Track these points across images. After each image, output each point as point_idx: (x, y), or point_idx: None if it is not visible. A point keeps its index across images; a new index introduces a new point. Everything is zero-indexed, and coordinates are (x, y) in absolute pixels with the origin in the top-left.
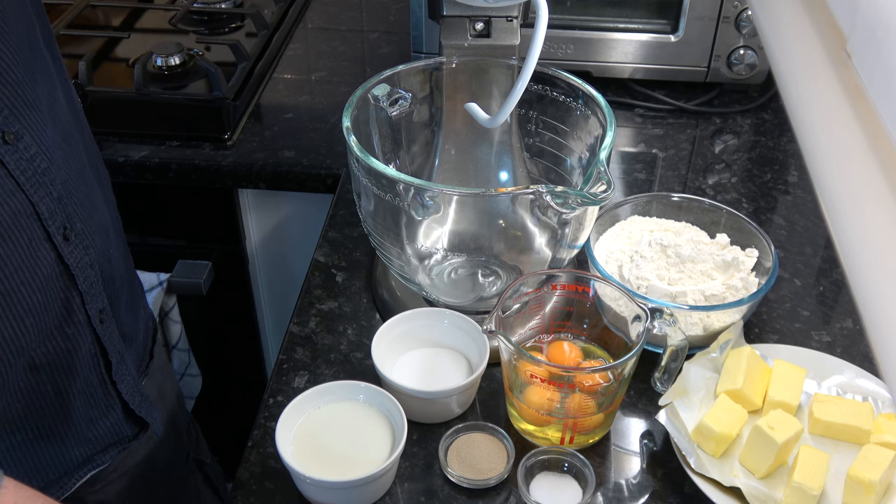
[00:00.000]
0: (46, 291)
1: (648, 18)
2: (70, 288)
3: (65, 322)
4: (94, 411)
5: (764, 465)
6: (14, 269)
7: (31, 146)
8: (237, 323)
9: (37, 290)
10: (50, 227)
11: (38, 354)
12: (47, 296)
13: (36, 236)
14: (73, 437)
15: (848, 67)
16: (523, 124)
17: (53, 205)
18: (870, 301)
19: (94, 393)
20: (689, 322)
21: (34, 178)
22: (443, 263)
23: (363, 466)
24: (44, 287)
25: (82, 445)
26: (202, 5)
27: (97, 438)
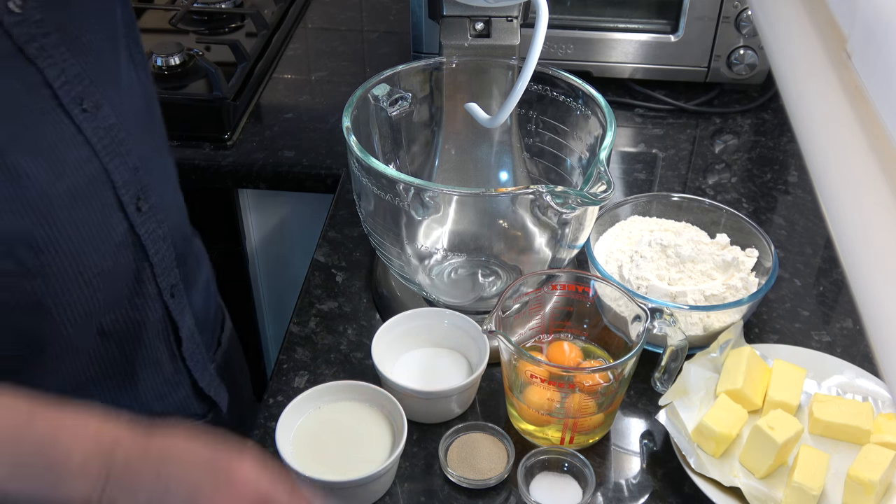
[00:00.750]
0: (117, 259)
1: (648, 18)
2: (142, 259)
3: (135, 292)
4: (164, 386)
5: (764, 465)
6: (86, 234)
7: (109, 116)
8: (237, 323)
9: (107, 256)
10: (123, 197)
11: (108, 321)
12: (118, 263)
13: (109, 203)
14: (141, 410)
15: (848, 67)
16: (523, 124)
17: (128, 175)
18: (870, 301)
19: (162, 366)
20: (689, 322)
21: (110, 147)
22: (443, 263)
23: (363, 466)
24: (114, 254)
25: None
26: (202, 5)
27: (164, 413)
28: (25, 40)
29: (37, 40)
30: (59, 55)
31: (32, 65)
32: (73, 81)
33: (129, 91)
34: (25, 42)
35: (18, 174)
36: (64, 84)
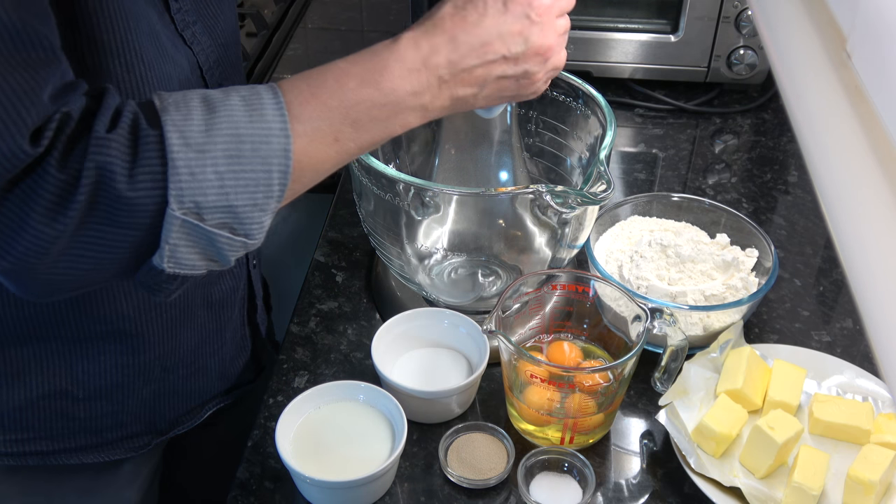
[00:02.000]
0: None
1: (648, 18)
2: None
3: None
4: (236, 349)
5: (764, 465)
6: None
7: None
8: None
9: None
10: None
11: (214, 291)
12: None
13: None
14: (219, 371)
15: (848, 67)
16: (523, 124)
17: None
18: (870, 301)
19: (238, 331)
20: (689, 322)
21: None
22: (443, 263)
23: (363, 466)
24: None
25: (222, 380)
26: None
27: (232, 375)
28: (184, 26)
29: (190, 27)
30: (204, 41)
31: (190, 49)
32: (215, 67)
33: (244, 78)
34: (184, 28)
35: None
36: (209, 69)
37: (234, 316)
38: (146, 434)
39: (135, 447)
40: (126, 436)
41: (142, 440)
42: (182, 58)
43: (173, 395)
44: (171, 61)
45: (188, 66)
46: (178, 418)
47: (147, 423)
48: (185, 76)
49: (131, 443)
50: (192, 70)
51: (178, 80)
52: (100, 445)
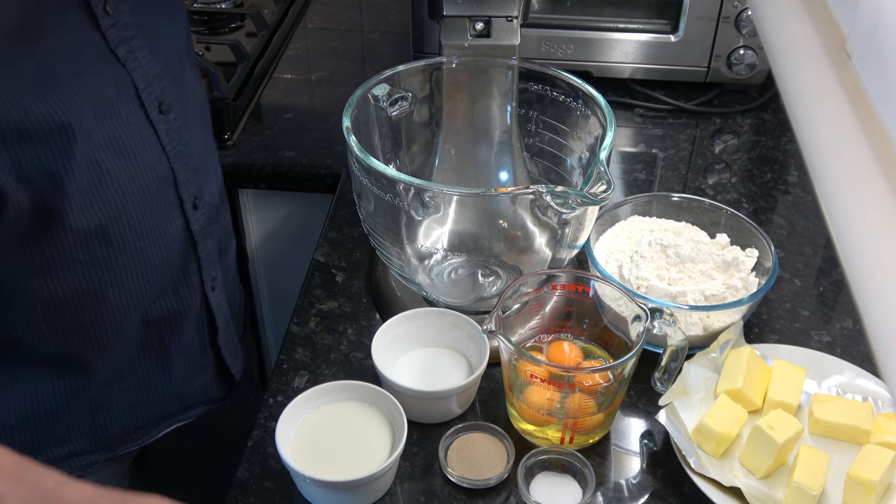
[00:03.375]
0: (170, 252)
1: (648, 18)
2: (190, 253)
3: (179, 284)
4: (191, 370)
5: (764, 465)
6: (149, 229)
7: (178, 118)
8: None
9: (163, 249)
10: (183, 195)
11: (152, 310)
12: (169, 256)
13: (171, 201)
14: (168, 390)
15: (848, 67)
16: (523, 124)
17: (189, 174)
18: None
19: (193, 353)
20: (689, 322)
21: (177, 147)
22: (443, 263)
23: (363, 466)
24: (169, 248)
25: (174, 399)
26: (202, 5)
27: (188, 395)
28: (118, 42)
29: (126, 43)
30: (143, 57)
31: (122, 66)
32: (154, 84)
33: (191, 91)
34: (118, 44)
35: (103, 172)
36: (147, 86)
37: (186, 338)
38: (92, 451)
39: (81, 465)
40: (69, 454)
41: (88, 458)
42: (105, 78)
43: (111, 408)
44: (89, 82)
45: (114, 86)
46: (125, 434)
47: (91, 439)
48: (107, 97)
49: (77, 461)
50: (122, 89)
51: (98, 100)
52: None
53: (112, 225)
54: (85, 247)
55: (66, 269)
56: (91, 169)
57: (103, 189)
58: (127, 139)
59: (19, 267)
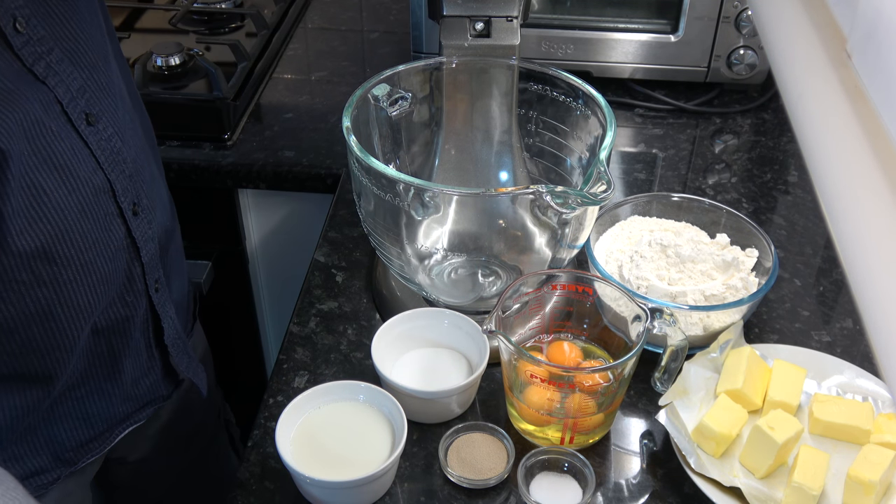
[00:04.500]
0: (115, 262)
1: (648, 18)
2: (134, 259)
3: (126, 291)
4: (139, 371)
5: (764, 465)
6: (92, 243)
7: (108, 127)
8: (237, 323)
9: (108, 260)
10: (122, 203)
11: (101, 320)
12: (115, 266)
13: (110, 212)
14: (120, 394)
15: (848, 67)
16: (523, 124)
17: (126, 182)
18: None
19: (140, 355)
20: (689, 322)
21: (111, 157)
22: (443, 263)
23: (363, 466)
24: (113, 258)
25: (126, 402)
26: (202, 5)
27: (138, 396)
28: (34, 60)
29: (43, 58)
30: (63, 71)
31: (43, 83)
32: (78, 96)
33: (120, 98)
34: (34, 62)
35: (39, 192)
36: (71, 100)
37: (134, 342)
38: (52, 468)
39: (42, 483)
40: (30, 472)
41: (48, 476)
42: (29, 98)
43: (68, 418)
44: (14, 105)
45: (40, 105)
46: (83, 445)
47: (49, 454)
48: (36, 117)
49: (37, 479)
50: (48, 107)
51: (27, 121)
52: None
53: (54, 243)
54: (28, 268)
55: (11, 292)
56: (27, 190)
57: (41, 208)
58: (61, 156)
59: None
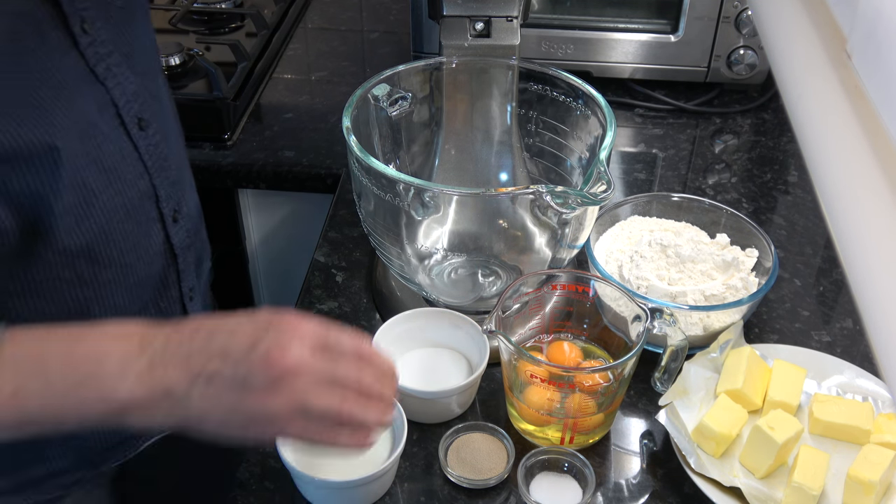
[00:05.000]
0: (152, 266)
1: (648, 18)
2: (170, 265)
3: (160, 297)
4: None
5: (764, 465)
6: (132, 245)
7: (156, 133)
8: None
9: (146, 264)
10: (164, 209)
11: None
12: (152, 270)
13: (152, 216)
14: None
15: (848, 67)
16: (523, 124)
17: (169, 188)
18: (870, 301)
19: None
20: (689, 322)
21: (157, 162)
22: (443, 263)
23: (363, 466)
24: (151, 263)
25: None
26: (202, 5)
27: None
28: (96, 61)
29: (104, 60)
30: (122, 74)
31: (102, 85)
32: (132, 100)
33: (166, 105)
34: (96, 63)
35: (88, 192)
36: (126, 103)
37: None
38: (75, 469)
39: (65, 484)
40: (53, 472)
41: (71, 476)
42: (87, 98)
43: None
44: (72, 103)
45: (96, 105)
46: (109, 449)
47: (74, 456)
48: (90, 118)
49: (60, 480)
50: (103, 108)
51: (82, 121)
52: (25, 485)
53: (97, 243)
54: (71, 266)
55: (52, 289)
56: (77, 189)
57: (89, 208)
58: (110, 158)
59: (5, 287)
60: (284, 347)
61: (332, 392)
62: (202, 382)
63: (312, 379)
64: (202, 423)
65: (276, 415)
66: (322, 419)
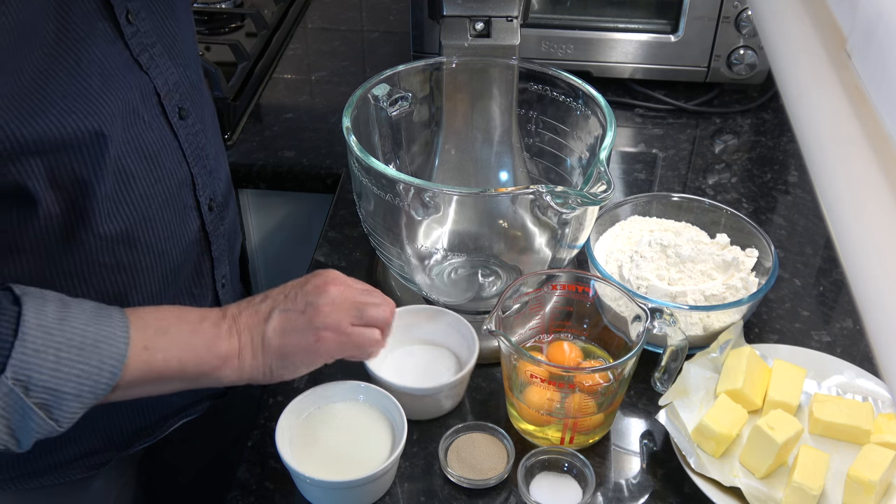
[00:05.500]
0: (188, 254)
1: (648, 18)
2: (204, 253)
3: (194, 283)
4: None
5: (764, 465)
6: (169, 233)
7: (196, 123)
8: None
9: (183, 251)
10: (200, 197)
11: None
12: (187, 258)
13: (189, 204)
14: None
15: (848, 67)
16: (523, 124)
17: (206, 177)
18: (870, 301)
19: None
20: (689, 322)
21: (196, 151)
22: (443, 263)
23: (363, 466)
24: (187, 250)
25: (183, 394)
26: (202, 5)
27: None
28: (140, 50)
29: (147, 50)
30: (164, 64)
31: (146, 74)
32: (174, 90)
33: (205, 96)
34: (140, 52)
35: (129, 178)
36: (168, 92)
37: None
38: (105, 450)
39: (94, 464)
40: (83, 453)
41: (101, 457)
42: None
43: (126, 406)
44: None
45: (139, 94)
46: (137, 432)
47: (104, 438)
48: (133, 105)
49: (90, 460)
50: (146, 97)
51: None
52: (57, 466)
53: (136, 229)
54: (111, 251)
55: (92, 274)
56: (118, 175)
57: (129, 194)
58: (151, 145)
59: (46, 271)
60: (325, 278)
61: (363, 294)
62: (275, 316)
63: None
64: (279, 361)
65: (337, 323)
66: (367, 318)
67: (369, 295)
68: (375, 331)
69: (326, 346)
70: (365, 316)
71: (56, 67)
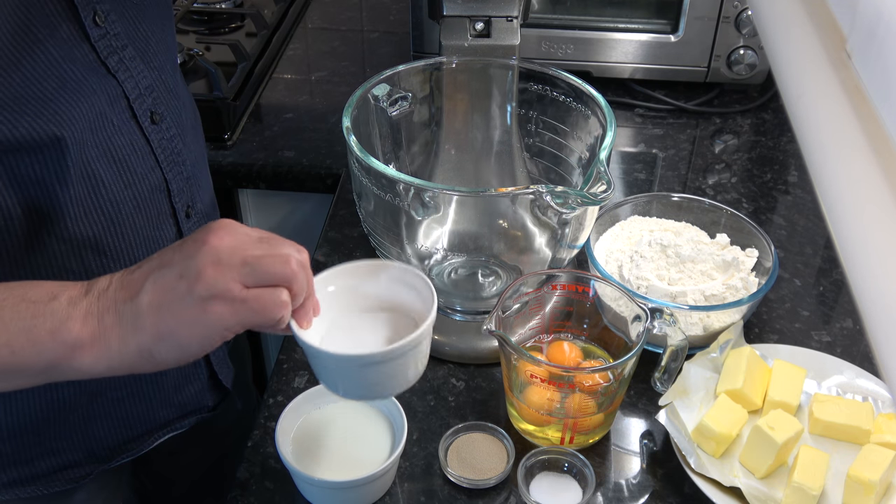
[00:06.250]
0: None
1: (648, 18)
2: None
3: None
4: (182, 378)
5: (764, 465)
6: (143, 239)
7: (171, 128)
8: None
9: None
10: (176, 205)
11: None
12: None
13: (164, 211)
14: (161, 399)
15: (848, 67)
16: (523, 124)
17: (182, 184)
18: (870, 301)
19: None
20: (689, 322)
21: (171, 157)
22: (443, 263)
23: (363, 466)
24: None
25: (167, 408)
26: (202, 5)
27: (182, 404)
28: (108, 53)
29: (117, 53)
30: (134, 67)
31: (113, 77)
32: (145, 94)
33: (183, 101)
34: (108, 55)
35: (98, 182)
36: (138, 96)
37: None
38: (86, 463)
39: (75, 477)
40: (62, 466)
41: (82, 470)
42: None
43: (106, 418)
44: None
45: (106, 98)
46: (119, 446)
47: (84, 451)
48: (100, 109)
49: (70, 473)
50: (114, 101)
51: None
52: (34, 478)
53: (106, 235)
54: (78, 257)
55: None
56: (87, 179)
57: (98, 199)
58: (120, 149)
59: (10, 276)
60: (208, 228)
61: (259, 246)
62: (149, 286)
63: (244, 241)
64: (159, 342)
65: (226, 289)
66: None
67: (267, 244)
68: (279, 290)
69: (218, 318)
70: (259, 273)
71: (9, 70)
